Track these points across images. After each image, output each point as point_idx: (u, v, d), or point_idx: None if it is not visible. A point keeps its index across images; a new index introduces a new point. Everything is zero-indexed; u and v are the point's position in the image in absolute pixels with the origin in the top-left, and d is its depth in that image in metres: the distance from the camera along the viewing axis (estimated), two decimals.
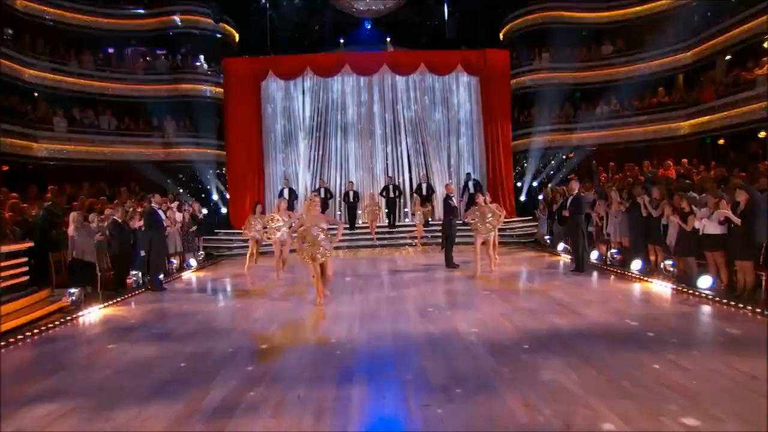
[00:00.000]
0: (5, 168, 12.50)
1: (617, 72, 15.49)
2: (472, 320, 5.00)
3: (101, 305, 6.36)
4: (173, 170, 14.99)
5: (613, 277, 7.29)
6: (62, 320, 5.56)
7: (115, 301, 6.66)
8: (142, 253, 8.10)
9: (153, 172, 14.38)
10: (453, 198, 9.14)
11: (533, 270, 8.42)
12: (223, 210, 14.31)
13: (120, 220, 7.89)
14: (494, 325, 4.83)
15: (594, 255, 8.54)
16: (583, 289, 6.44)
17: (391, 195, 13.16)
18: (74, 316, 5.79)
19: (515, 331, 4.61)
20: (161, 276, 7.77)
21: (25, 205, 8.70)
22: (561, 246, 10.10)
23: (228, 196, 14.07)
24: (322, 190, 12.74)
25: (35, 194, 11.19)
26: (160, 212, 8.02)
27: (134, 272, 7.63)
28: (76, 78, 14.48)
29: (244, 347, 4.39)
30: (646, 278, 6.67)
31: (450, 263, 8.53)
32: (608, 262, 8.04)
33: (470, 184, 12.96)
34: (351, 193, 13.13)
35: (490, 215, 7.29)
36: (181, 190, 14.09)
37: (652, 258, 7.22)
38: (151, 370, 3.89)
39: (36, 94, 13.85)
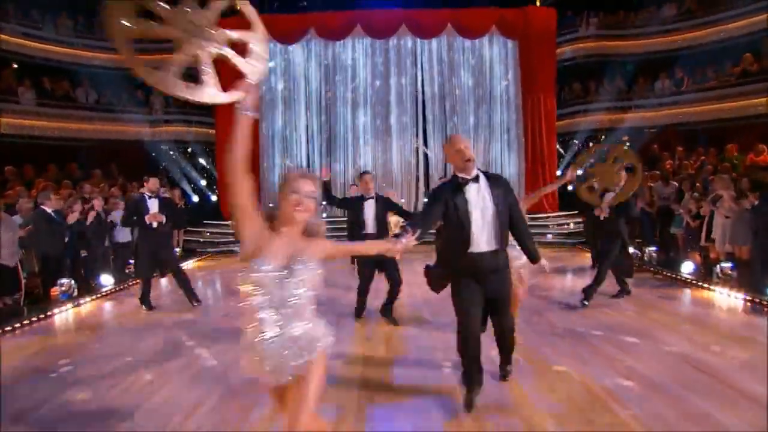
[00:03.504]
0: None
1: (684, 38, 12.85)
2: (549, 403, 2.86)
3: None
4: (160, 151, 13.16)
5: (735, 304, 5.02)
6: None
7: None
8: (83, 254, 6.30)
9: (136, 154, 12.59)
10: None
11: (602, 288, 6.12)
12: (214, 198, 12.42)
13: (50, 210, 5.98)
14: (598, 421, 2.68)
15: (687, 268, 6.24)
16: (707, 328, 4.22)
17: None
18: None
19: None
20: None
21: None
22: (629, 250, 7.83)
23: (218, 182, 12.17)
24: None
25: None
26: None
27: (63, 280, 5.73)
28: (52, 44, 12.67)
29: None
30: None
31: None
32: (717, 278, 5.72)
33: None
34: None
35: None
36: (165, 175, 12.27)
37: None
38: None
39: (7, 63, 12.13)
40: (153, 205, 5.33)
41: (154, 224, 5.22)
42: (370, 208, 4.47)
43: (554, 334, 4.19)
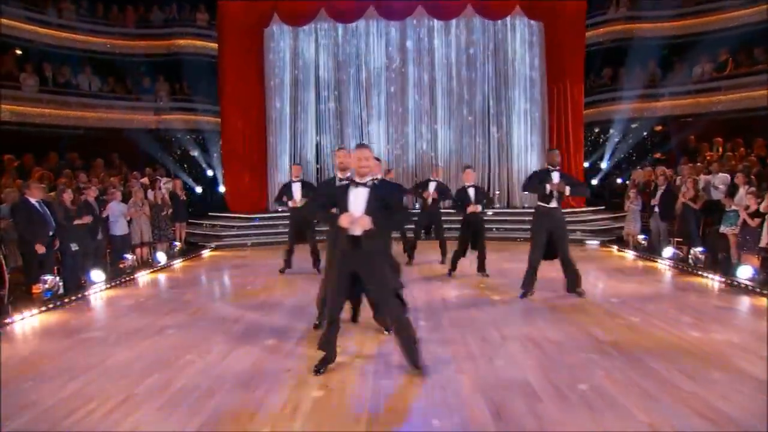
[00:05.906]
0: None
1: (723, 19, 11.82)
2: None
3: None
4: (165, 140, 12.75)
5: None
6: None
7: None
8: (74, 247, 5.85)
9: (141, 142, 12.19)
10: (470, 189, 5.91)
11: (689, 302, 4.89)
12: (222, 188, 11.93)
13: (34, 201, 5.48)
14: None
15: (744, 272, 5.46)
16: None
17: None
18: None
19: None
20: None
21: None
22: (669, 251, 7.06)
23: (224, 172, 11.67)
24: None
25: None
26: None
27: (47, 277, 5.23)
28: (55, 30, 12.26)
29: None
30: None
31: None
32: None
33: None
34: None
35: None
36: (170, 164, 11.87)
37: None
38: None
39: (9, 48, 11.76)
40: (297, 189, 6.13)
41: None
42: None
43: (602, 351, 3.50)
